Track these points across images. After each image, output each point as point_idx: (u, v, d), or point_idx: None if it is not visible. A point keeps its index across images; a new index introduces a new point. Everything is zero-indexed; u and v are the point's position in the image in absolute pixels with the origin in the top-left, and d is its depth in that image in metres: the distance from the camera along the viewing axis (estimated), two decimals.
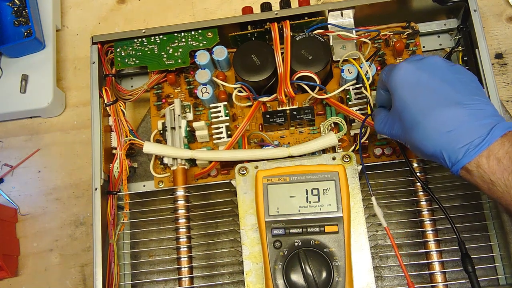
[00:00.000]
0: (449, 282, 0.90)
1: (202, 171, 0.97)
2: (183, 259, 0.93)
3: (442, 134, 0.70)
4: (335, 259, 0.81)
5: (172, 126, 0.98)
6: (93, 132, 0.98)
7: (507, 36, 1.12)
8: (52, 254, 1.08)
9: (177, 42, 1.04)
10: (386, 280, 0.95)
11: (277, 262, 0.82)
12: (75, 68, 1.22)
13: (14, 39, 1.18)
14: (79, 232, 1.09)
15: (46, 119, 1.18)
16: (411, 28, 1.02)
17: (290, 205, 0.85)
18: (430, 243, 0.90)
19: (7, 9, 1.20)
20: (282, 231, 0.84)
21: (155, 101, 1.06)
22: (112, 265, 0.93)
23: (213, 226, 0.98)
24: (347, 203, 0.84)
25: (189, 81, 1.05)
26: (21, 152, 1.16)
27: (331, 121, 0.95)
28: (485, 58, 0.95)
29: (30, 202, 1.13)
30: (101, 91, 1.01)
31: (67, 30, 1.26)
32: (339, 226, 0.83)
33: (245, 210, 0.88)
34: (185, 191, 0.95)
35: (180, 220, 0.94)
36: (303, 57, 0.97)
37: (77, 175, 1.13)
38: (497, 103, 0.91)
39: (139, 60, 1.04)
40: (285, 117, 0.97)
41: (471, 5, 0.99)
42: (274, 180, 0.87)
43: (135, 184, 1.06)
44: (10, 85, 1.15)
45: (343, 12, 1.02)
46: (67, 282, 1.06)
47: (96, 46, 1.04)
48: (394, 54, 1.03)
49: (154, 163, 1.02)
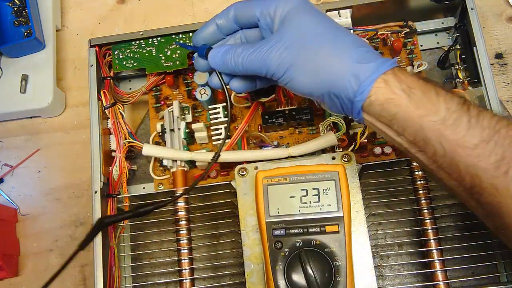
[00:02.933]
0: (450, 280, 0.90)
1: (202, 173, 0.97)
2: (184, 261, 0.93)
3: (352, 54, 0.67)
4: (336, 259, 0.81)
5: (171, 128, 0.98)
6: (92, 134, 0.98)
7: (507, 36, 1.11)
8: (52, 254, 1.09)
9: (175, 44, 1.04)
10: (387, 279, 0.95)
11: (278, 262, 0.82)
12: (75, 68, 1.22)
13: (14, 39, 1.18)
14: (79, 232, 1.09)
15: (46, 119, 1.18)
16: (408, 27, 1.02)
17: (291, 206, 0.85)
18: (431, 242, 0.90)
19: (7, 9, 1.20)
20: (282, 232, 0.84)
21: (154, 103, 1.06)
22: (113, 268, 0.93)
23: (213, 228, 0.98)
24: (347, 202, 0.84)
25: (187, 82, 1.05)
26: (21, 152, 1.16)
27: (330, 121, 0.95)
28: (483, 56, 0.95)
29: (30, 202, 1.13)
30: (99, 93, 1.01)
31: (67, 30, 1.26)
32: (340, 226, 0.83)
33: (245, 211, 0.88)
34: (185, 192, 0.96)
35: (180, 222, 0.94)
36: None
37: (77, 175, 1.13)
38: (496, 102, 0.91)
39: (137, 62, 1.04)
40: (284, 117, 0.97)
41: (468, 3, 0.98)
42: (274, 180, 0.87)
43: (134, 186, 1.05)
44: (10, 85, 1.15)
45: (341, 12, 1.01)
46: (67, 282, 1.06)
47: (94, 49, 1.03)
48: (392, 53, 1.03)
49: (153, 165, 1.02)
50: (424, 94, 0.65)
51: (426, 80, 0.67)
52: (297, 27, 0.71)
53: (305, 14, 0.72)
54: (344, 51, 0.68)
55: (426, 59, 1.07)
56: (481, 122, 0.63)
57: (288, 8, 0.72)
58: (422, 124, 0.64)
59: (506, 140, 0.62)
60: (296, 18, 0.71)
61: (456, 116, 0.64)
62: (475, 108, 0.64)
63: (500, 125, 0.63)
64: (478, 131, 0.63)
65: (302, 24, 0.71)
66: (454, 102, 0.64)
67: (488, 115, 0.64)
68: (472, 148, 0.63)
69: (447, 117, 0.64)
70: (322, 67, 0.68)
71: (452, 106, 0.64)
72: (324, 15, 0.73)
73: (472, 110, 0.64)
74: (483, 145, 0.63)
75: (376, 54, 0.69)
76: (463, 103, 0.65)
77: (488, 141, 0.63)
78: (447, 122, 0.64)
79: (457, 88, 0.99)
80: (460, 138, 0.63)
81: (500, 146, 0.62)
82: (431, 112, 0.64)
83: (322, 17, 0.72)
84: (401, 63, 1.03)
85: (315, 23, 0.71)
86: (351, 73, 0.66)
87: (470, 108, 0.64)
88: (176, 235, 0.95)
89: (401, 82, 0.65)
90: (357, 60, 0.67)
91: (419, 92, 0.65)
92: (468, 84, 0.98)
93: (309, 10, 0.72)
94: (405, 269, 0.94)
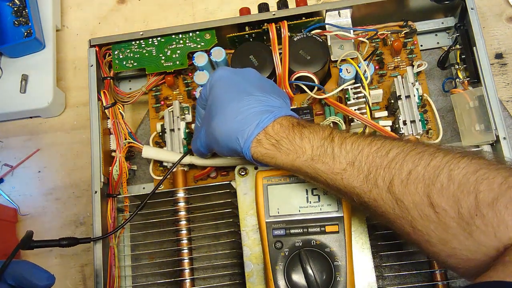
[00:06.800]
0: (450, 280, 0.90)
1: (202, 173, 0.97)
2: (184, 261, 0.93)
3: (236, 119, 0.78)
4: (336, 259, 0.82)
5: (171, 128, 0.99)
6: (92, 135, 0.98)
7: (507, 36, 1.11)
8: (52, 254, 1.09)
9: (175, 44, 1.04)
10: (387, 279, 0.95)
11: (278, 262, 0.82)
12: (75, 68, 1.22)
13: (14, 39, 1.18)
14: (79, 232, 1.09)
15: (46, 119, 1.18)
16: (408, 27, 1.02)
17: (291, 206, 0.86)
18: None
19: (7, 9, 1.20)
20: (282, 232, 0.84)
21: (154, 103, 1.06)
22: (113, 268, 0.93)
23: (213, 228, 0.98)
24: (347, 202, 0.84)
25: (187, 82, 1.05)
26: (21, 152, 1.16)
27: (330, 121, 0.95)
28: (483, 56, 0.95)
29: (30, 202, 1.13)
30: (99, 93, 1.01)
31: (67, 30, 1.26)
32: (340, 226, 0.84)
33: (246, 211, 0.89)
34: (185, 193, 0.96)
35: (180, 222, 0.95)
36: (301, 57, 0.97)
37: (77, 175, 1.13)
38: (496, 102, 0.92)
39: (137, 62, 1.04)
40: None
41: (468, 3, 0.98)
42: (274, 180, 0.87)
43: (134, 186, 1.06)
44: (10, 85, 1.15)
45: (341, 12, 1.02)
46: (67, 282, 1.07)
47: (94, 49, 1.04)
48: (392, 53, 1.03)
49: (153, 166, 1.02)
50: (290, 142, 0.75)
51: (294, 125, 0.77)
52: (210, 99, 0.84)
53: (216, 89, 0.83)
54: (231, 120, 0.78)
55: (426, 59, 1.07)
56: (344, 148, 0.73)
57: (212, 82, 0.85)
58: (297, 164, 0.75)
59: (369, 157, 0.71)
60: (211, 93, 0.84)
61: (321, 150, 0.74)
62: (340, 137, 0.74)
63: (363, 144, 0.72)
64: (343, 156, 0.72)
65: (212, 97, 0.83)
66: (317, 139, 0.75)
67: (351, 139, 0.73)
68: (343, 172, 0.72)
69: (314, 154, 0.74)
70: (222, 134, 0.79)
71: (315, 143, 0.74)
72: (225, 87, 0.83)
73: (336, 140, 0.74)
74: (350, 167, 0.72)
75: (255, 115, 0.78)
76: (327, 137, 0.74)
77: (353, 162, 0.72)
78: (315, 158, 0.74)
79: (457, 88, 0.99)
80: (330, 167, 0.73)
81: (364, 163, 0.71)
82: (299, 154, 0.75)
83: (228, 91, 0.82)
84: (401, 63, 1.03)
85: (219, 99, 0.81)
86: (235, 137, 0.77)
87: (335, 139, 0.74)
88: (176, 235, 0.95)
89: (271, 138, 0.76)
90: (239, 127, 0.77)
91: (285, 142, 0.75)
92: (468, 84, 0.98)
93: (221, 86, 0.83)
94: (405, 269, 0.94)
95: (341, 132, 0.75)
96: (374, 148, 0.71)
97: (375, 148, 0.71)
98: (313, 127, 0.76)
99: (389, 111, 0.98)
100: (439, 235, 0.66)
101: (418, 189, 0.67)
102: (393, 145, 0.71)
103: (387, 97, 1.00)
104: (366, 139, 0.73)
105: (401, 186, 0.68)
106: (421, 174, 0.67)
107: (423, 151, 0.69)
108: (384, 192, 0.69)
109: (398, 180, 0.68)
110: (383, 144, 0.72)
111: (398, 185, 0.68)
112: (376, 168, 0.70)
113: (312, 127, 0.76)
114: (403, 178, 0.68)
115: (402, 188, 0.68)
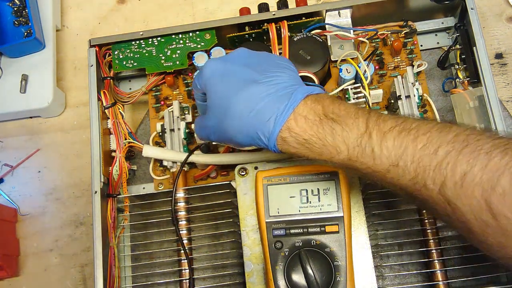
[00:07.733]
0: (450, 280, 0.90)
1: (202, 173, 0.97)
2: (184, 261, 0.93)
3: (250, 114, 0.73)
4: (336, 259, 0.82)
5: (171, 128, 0.98)
6: (92, 135, 0.98)
7: (507, 36, 1.11)
8: (52, 254, 1.09)
9: (175, 44, 1.03)
10: (387, 279, 0.95)
11: (278, 262, 0.82)
12: (75, 68, 1.22)
13: (14, 39, 1.18)
14: (79, 232, 1.09)
15: (46, 119, 1.18)
16: (408, 27, 1.02)
17: (291, 206, 0.85)
18: (431, 242, 0.90)
19: (7, 9, 1.20)
20: (282, 232, 0.84)
21: (154, 103, 1.06)
22: (113, 268, 0.93)
23: (213, 228, 0.98)
24: (347, 202, 0.85)
25: (187, 82, 1.05)
26: (21, 152, 1.16)
27: None
28: (483, 56, 0.95)
29: (30, 202, 1.13)
30: (99, 93, 1.01)
31: (67, 30, 1.26)
32: (340, 226, 0.83)
33: (246, 211, 0.89)
34: (185, 193, 0.96)
35: (181, 222, 0.94)
36: (301, 57, 0.97)
37: (77, 175, 1.13)
38: (495, 101, 0.91)
39: (137, 62, 1.04)
40: None
41: (468, 3, 0.98)
42: (274, 180, 0.87)
43: (134, 186, 1.05)
44: (10, 85, 1.15)
45: (341, 12, 1.02)
46: (67, 282, 1.07)
47: (94, 49, 1.03)
48: (392, 53, 1.03)
49: (153, 165, 1.02)
50: (321, 141, 0.70)
51: (322, 119, 0.71)
52: (210, 98, 0.79)
53: (213, 86, 0.78)
54: (246, 116, 0.74)
55: (426, 59, 1.07)
56: (385, 147, 0.67)
57: (204, 80, 0.80)
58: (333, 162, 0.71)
59: (415, 156, 0.65)
60: (208, 91, 0.79)
61: (358, 150, 0.68)
62: (378, 132, 0.68)
63: (406, 141, 0.66)
64: (385, 156, 0.67)
65: (213, 96, 0.78)
66: (352, 137, 0.69)
67: (392, 134, 0.67)
68: (386, 172, 0.67)
69: (351, 154, 0.69)
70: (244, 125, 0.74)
71: (351, 143, 0.69)
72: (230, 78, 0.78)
73: (374, 137, 0.67)
74: (393, 168, 0.67)
75: (268, 107, 0.72)
76: (363, 134, 0.68)
77: (397, 163, 0.66)
78: (352, 158, 0.69)
79: (457, 88, 0.99)
80: (371, 166, 0.68)
81: (410, 164, 0.65)
82: (333, 154, 0.70)
83: (227, 84, 0.77)
84: (401, 63, 1.03)
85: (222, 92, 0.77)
86: (256, 134, 0.73)
87: (372, 134, 0.68)
88: (176, 235, 0.94)
89: (297, 136, 0.71)
90: (255, 123, 0.73)
91: (316, 141, 0.70)
92: (468, 84, 0.98)
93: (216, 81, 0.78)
94: (405, 269, 0.94)
95: (378, 124, 0.68)
96: (420, 145, 0.65)
97: (421, 145, 0.65)
98: (344, 121, 0.70)
99: (389, 111, 0.98)
100: (497, 239, 0.62)
101: (475, 193, 0.61)
102: (441, 140, 0.65)
103: (387, 97, 1.00)
104: (409, 133, 0.67)
105: (455, 189, 0.63)
106: (478, 177, 0.61)
107: (477, 149, 0.62)
108: (435, 194, 0.64)
109: (451, 182, 0.63)
110: (429, 139, 0.65)
111: (451, 188, 0.63)
112: (424, 169, 0.64)
113: (343, 121, 0.70)
114: (457, 180, 0.62)
115: (455, 190, 0.63)
